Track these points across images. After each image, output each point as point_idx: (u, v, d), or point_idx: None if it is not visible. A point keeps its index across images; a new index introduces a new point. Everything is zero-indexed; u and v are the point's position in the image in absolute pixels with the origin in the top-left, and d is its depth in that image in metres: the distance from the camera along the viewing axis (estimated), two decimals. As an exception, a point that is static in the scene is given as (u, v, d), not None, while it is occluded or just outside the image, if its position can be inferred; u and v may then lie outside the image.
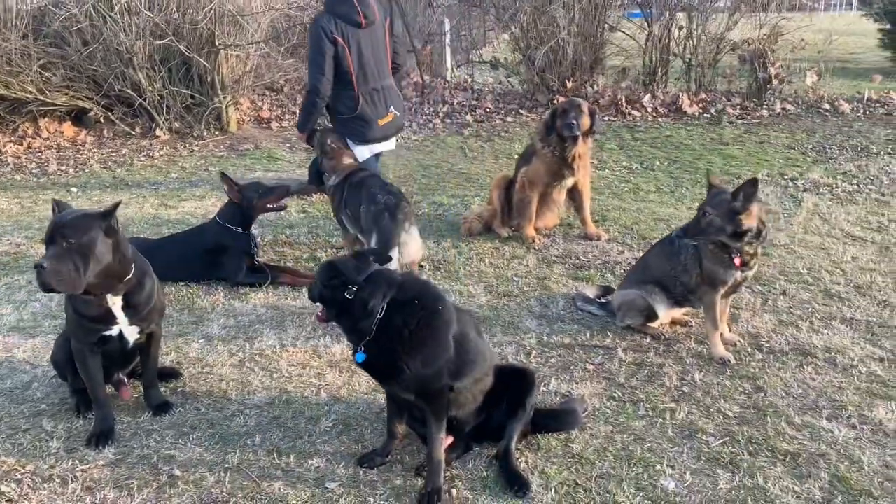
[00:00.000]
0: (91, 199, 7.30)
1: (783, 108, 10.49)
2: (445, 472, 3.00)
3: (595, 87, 10.87)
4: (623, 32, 11.28)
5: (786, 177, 7.54)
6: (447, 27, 13.48)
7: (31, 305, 4.83)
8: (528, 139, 8.00)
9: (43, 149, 9.39)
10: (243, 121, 10.41)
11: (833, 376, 3.67)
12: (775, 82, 10.69)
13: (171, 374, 3.83)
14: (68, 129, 9.94)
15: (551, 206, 5.83)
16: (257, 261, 5.16)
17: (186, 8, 9.20)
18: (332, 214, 5.67)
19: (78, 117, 10.16)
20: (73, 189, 7.72)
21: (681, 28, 10.90)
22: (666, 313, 4.14)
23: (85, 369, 3.31)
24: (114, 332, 3.27)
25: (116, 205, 3.10)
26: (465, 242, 5.78)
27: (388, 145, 6.38)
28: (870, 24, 16.80)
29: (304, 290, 3.63)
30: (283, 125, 10.40)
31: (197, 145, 9.50)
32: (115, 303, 3.21)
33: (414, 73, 12.33)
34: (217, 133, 9.93)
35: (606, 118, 10.42)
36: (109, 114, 9.90)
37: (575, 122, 5.41)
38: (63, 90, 9.60)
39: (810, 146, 8.76)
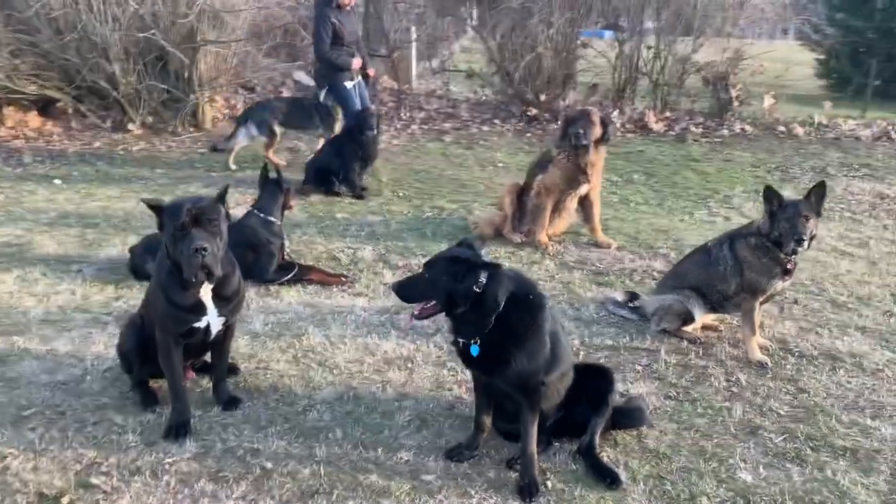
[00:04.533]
0: (79, 192, 7.09)
1: (742, 129, 11.06)
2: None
3: (566, 101, 11.19)
4: (594, 49, 11.64)
5: (761, 194, 7.95)
6: (414, 35, 13.61)
7: (55, 298, 4.69)
8: (505, 147, 8.21)
9: (10, 138, 9.02)
10: (218, 118, 10.25)
11: (864, 379, 3.96)
12: (736, 104, 11.28)
13: (230, 370, 3.80)
14: (34, 119, 9.58)
15: (563, 213, 6.02)
16: (288, 255, 5.18)
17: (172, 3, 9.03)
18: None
19: (44, 107, 9.79)
20: (57, 181, 7.47)
21: (649, 48, 11.34)
22: (701, 317, 4.36)
23: (168, 361, 3.28)
24: (202, 323, 3.25)
25: (226, 189, 3.16)
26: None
27: None
28: (805, 55, 17.75)
29: (388, 286, 3.47)
30: (260, 124, 10.28)
31: (174, 141, 9.32)
32: (207, 293, 3.20)
33: (385, 79, 12.42)
34: (192, 130, 9.76)
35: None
36: (80, 105, 9.58)
37: (582, 131, 5.63)
38: (32, 79, 9.24)
39: (773, 166, 9.27)
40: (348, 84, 8.19)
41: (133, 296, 4.75)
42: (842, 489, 3.07)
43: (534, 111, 11.03)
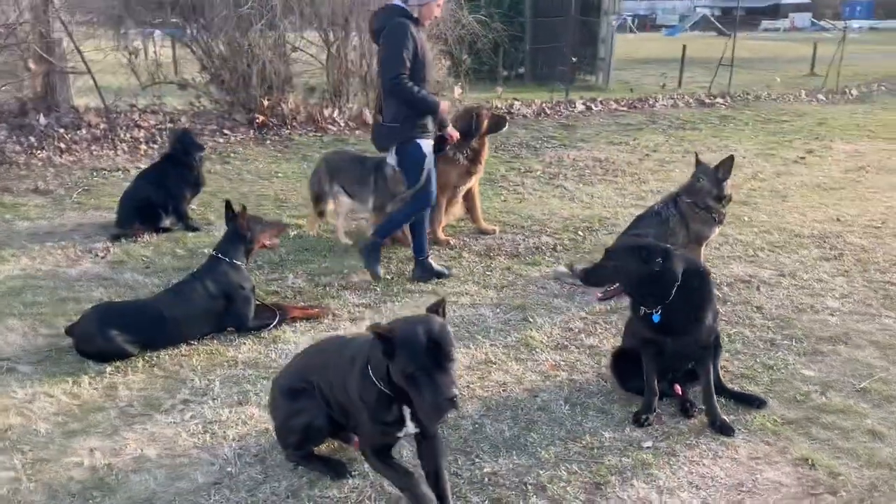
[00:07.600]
0: None
1: (442, 118, 12.31)
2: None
3: (289, 105, 11.18)
4: (304, 52, 11.76)
5: (522, 171, 9.22)
6: (65, 44, 12.01)
7: (39, 408, 3.64)
8: (262, 158, 8.10)
9: None
10: None
11: (792, 283, 5.33)
12: (432, 96, 12.46)
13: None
14: None
15: (455, 206, 6.42)
16: (257, 300, 4.71)
17: None
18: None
19: None
20: None
21: (355, 48, 11.87)
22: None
23: (381, 462, 2.97)
24: (402, 433, 2.95)
25: (444, 302, 2.79)
26: (393, 253, 5.99)
27: None
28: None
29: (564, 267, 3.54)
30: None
31: None
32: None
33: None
34: None
35: (310, 134, 10.93)
36: None
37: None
38: None
39: (495, 147, 10.63)
40: (427, 144, 5.32)
41: (130, 381, 3.93)
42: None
43: (261, 118, 10.81)
